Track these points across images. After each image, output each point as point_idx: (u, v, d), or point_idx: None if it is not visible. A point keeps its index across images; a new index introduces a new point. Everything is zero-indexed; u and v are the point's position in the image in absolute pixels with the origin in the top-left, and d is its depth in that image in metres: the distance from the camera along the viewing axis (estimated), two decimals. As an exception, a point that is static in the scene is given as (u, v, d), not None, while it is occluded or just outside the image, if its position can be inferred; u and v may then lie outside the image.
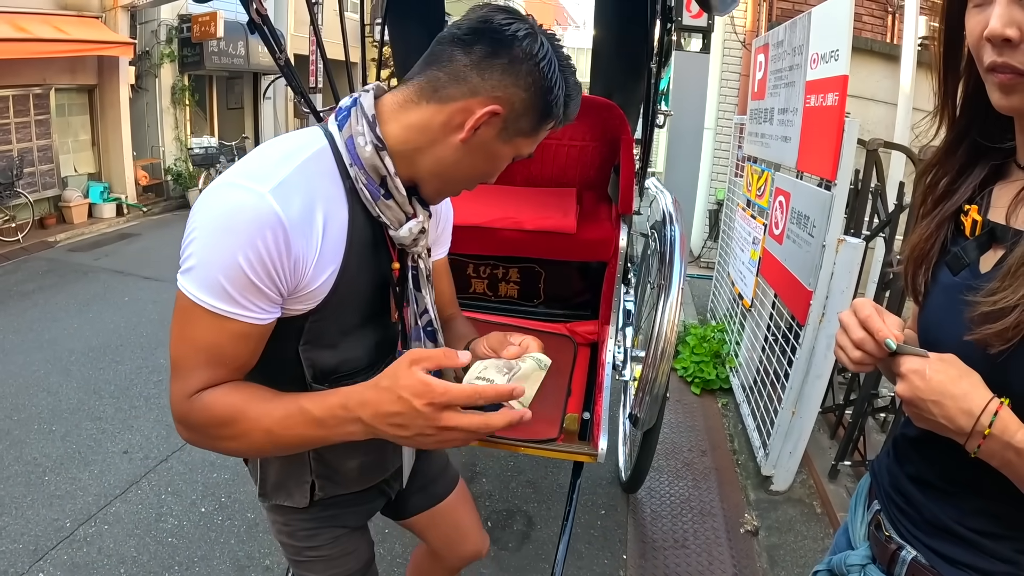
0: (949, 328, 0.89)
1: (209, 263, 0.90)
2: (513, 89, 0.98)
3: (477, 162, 1.06)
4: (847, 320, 0.93)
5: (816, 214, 2.87)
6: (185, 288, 0.92)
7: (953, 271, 0.92)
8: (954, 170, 0.96)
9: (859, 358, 0.91)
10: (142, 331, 5.31)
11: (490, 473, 3.29)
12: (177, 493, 3.13)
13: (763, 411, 3.31)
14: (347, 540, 1.36)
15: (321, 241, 0.97)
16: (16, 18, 8.27)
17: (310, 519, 1.31)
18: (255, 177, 0.92)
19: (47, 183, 9.65)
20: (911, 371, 0.83)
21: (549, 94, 1.00)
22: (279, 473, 1.24)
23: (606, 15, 3.04)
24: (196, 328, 0.93)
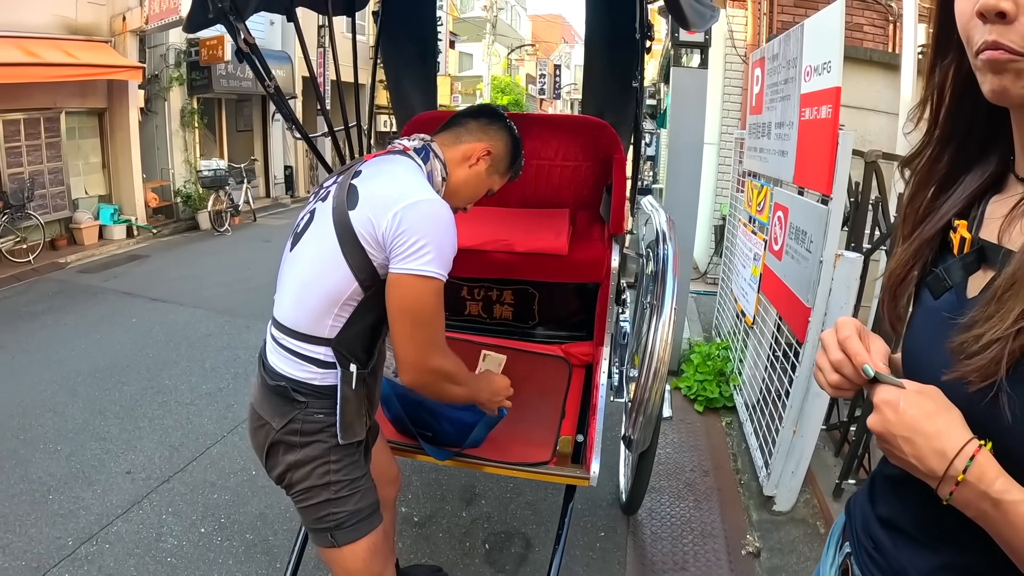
0: (930, 358, 0.81)
1: (444, 249, 1.44)
2: (500, 142, 1.77)
3: (472, 185, 1.76)
4: (827, 339, 0.88)
5: (813, 229, 2.85)
6: (431, 272, 1.42)
7: (934, 294, 0.84)
8: (938, 180, 0.88)
9: (836, 382, 0.85)
10: (148, 352, 5.34)
11: (489, 495, 3.27)
12: (178, 514, 3.13)
13: (765, 430, 3.27)
14: (370, 474, 1.71)
15: None
16: (27, 43, 8.42)
17: (356, 455, 1.65)
18: (429, 191, 1.50)
19: (58, 205, 9.78)
20: (884, 402, 0.75)
21: (517, 152, 1.83)
22: (351, 414, 1.58)
23: (596, 34, 3.04)
24: (438, 298, 1.45)
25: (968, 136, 0.85)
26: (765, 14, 6.93)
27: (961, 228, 0.83)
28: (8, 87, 8.28)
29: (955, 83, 0.82)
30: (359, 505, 1.63)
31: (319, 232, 1.53)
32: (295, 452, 1.57)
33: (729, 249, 4.92)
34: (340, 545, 1.62)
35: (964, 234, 0.82)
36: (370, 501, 1.66)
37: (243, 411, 4.13)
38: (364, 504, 1.64)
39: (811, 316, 2.76)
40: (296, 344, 1.54)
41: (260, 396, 1.62)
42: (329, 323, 1.51)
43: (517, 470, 2.10)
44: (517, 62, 36.68)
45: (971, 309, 0.74)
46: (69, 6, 9.37)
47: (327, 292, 1.49)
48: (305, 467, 1.58)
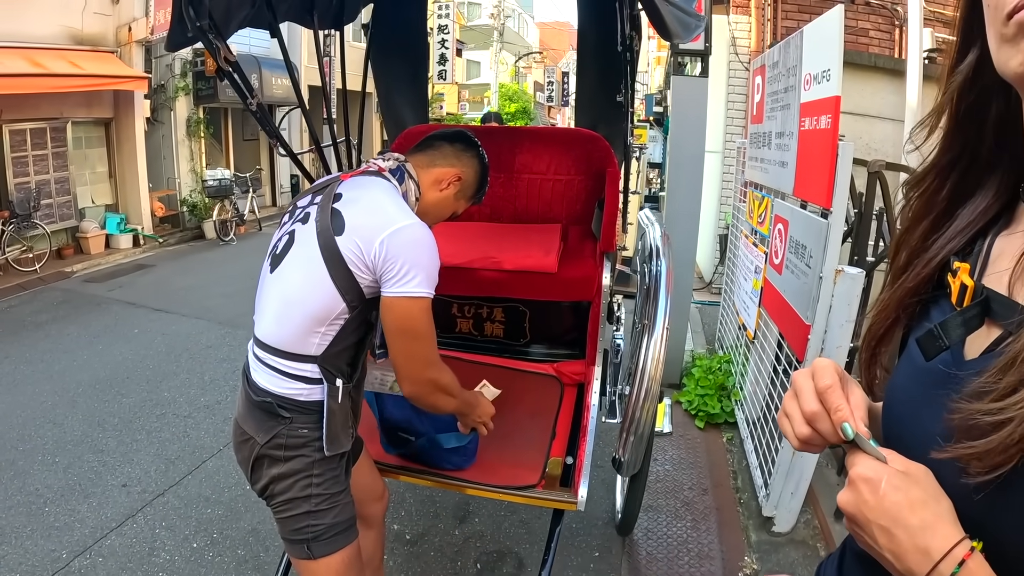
0: (917, 430, 0.68)
1: (430, 270, 1.55)
2: (471, 169, 1.86)
3: (441, 208, 1.84)
4: (802, 385, 0.74)
5: (812, 243, 2.79)
6: (424, 292, 1.53)
7: (927, 354, 0.68)
8: (940, 207, 0.74)
9: (807, 436, 0.73)
10: (149, 364, 5.34)
11: (483, 513, 3.22)
12: (171, 528, 3.12)
13: (766, 448, 3.21)
14: (350, 490, 1.75)
15: None
16: (33, 53, 8.48)
17: (338, 470, 1.69)
18: (409, 214, 1.59)
19: (64, 214, 9.82)
20: (862, 479, 0.63)
21: (484, 179, 1.91)
22: (336, 429, 1.63)
23: (588, 46, 3.01)
24: (427, 315, 1.56)
25: (973, 158, 0.72)
26: (769, 20, 6.88)
27: (962, 273, 0.68)
28: (15, 97, 8.32)
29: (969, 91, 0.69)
30: (337, 519, 1.66)
31: (304, 255, 1.59)
32: (279, 465, 1.61)
33: (732, 260, 4.86)
34: (316, 557, 1.66)
35: (965, 280, 0.67)
36: (347, 516, 1.70)
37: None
38: (342, 518, 1.68)
39: (811, 334, 2.70)
40: (281, 362, 1.59)
41: (244, 411, 1.67)
42: (316, 341, 1.57)
43: (504, 493, 2.06)
44: (525, 69, 36.74)
45: (971, 373, 0.60)
46: (75, 17, 9.43)
47: (314, 311, 1.55)
48: (288, 479, 1.62)
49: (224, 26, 1.84)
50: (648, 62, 14.91)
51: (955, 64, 0.70)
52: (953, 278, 0.69)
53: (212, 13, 1.72)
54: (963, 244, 0.71)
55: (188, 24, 1.66)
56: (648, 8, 1.72)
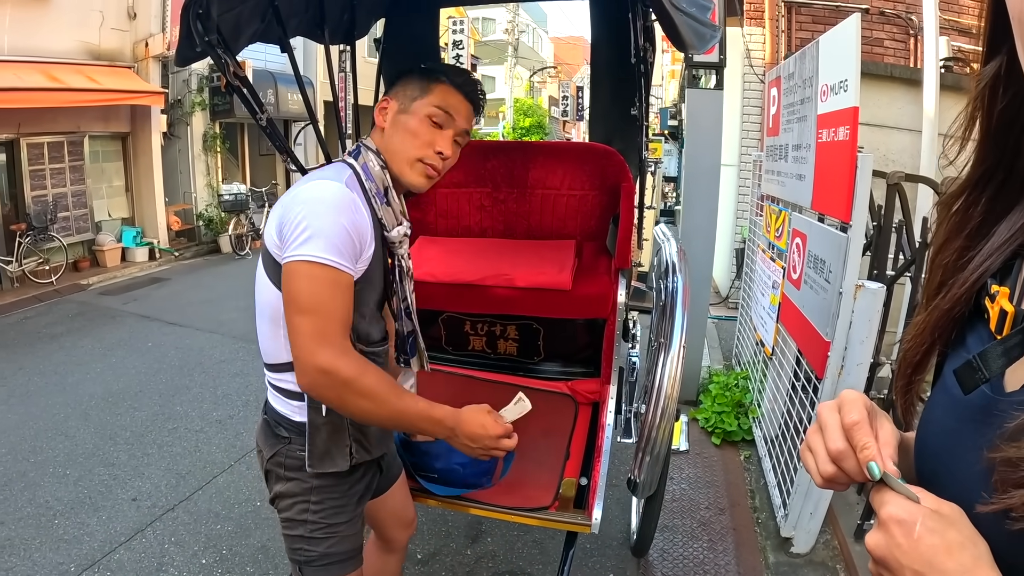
0: (954, 467, 0.63)
1: (326, 231, 1.31)
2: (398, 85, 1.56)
3: (398, 139, 1.51)
4: (828, 420, 0.70)
5: (832, 258, 2.74)
6: (312, 255, 1.30)
7: (965, 387, 0.63)
8: (975, 223, 0.68)
9: (831, 475, 0.69)
10: (162, 378, 5.35)
11: (495, 532, 3.18)
12: (180, 544, 3.11)
13: (784, 467, 3.14)
14: (358, 521, 1.65)
15: (368, 222, 1.42)
16: (51, 68, 8.61)
17: (342, 500, 1.59)
18: (331, 179, 1.39)
19: (81, 227, 9.93)
20: (895, 520, 0.58)
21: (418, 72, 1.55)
22: (326, 442, 1.51)
23: (601, 60, 2.98)
24: (324, 285, 1.31)
25: (1009, 170, 0.66)
26: (783, 31, 6.85)
27: (1001, 297, 0.63)
28: (33, 111, 8.45)
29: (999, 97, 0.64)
30: (331, 549, 1.60)
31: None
32: (281, 483, 1.59)
33: (748, 275, 4.80)
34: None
35: (1005, 305, 0.62)
36: (345, 548, 1.62)
37: (251, 441, 4.09)
38: (338, 550, 1.61)
39: (830, 350, 2.64)
40: (271, 376, 1.57)
41: (260, 423, 1.66)
42: (282, 344, 1.45)
43: (518, 515, 2.01)
44: (539, 84, 36.86)
45: (1013, 406, 0.56)
46: (93, 32, 9.56)
47: (265, 311, 1.50)
48: (287, 499, 1.60)
49: (233, 41, 1.83)
50: (662, 75, 14.91)
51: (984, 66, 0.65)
52: (991, 303, 0.64)
53: (220, 28, 1.70)
54: (1000, 264, 0.65)
55: (196, 39, 1.64)
56: (662, 19, 1.69)
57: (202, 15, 1.61)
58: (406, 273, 1.64)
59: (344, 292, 1.35)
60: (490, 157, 2.87)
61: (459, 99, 1.54)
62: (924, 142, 5.84)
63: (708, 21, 2.00)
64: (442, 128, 1.51)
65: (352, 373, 1.32)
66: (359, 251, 1.39)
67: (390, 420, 1.44)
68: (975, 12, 2.87)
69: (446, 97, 1.51)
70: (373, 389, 1.34)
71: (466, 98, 1.55)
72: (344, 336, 1.35)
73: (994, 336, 0.63)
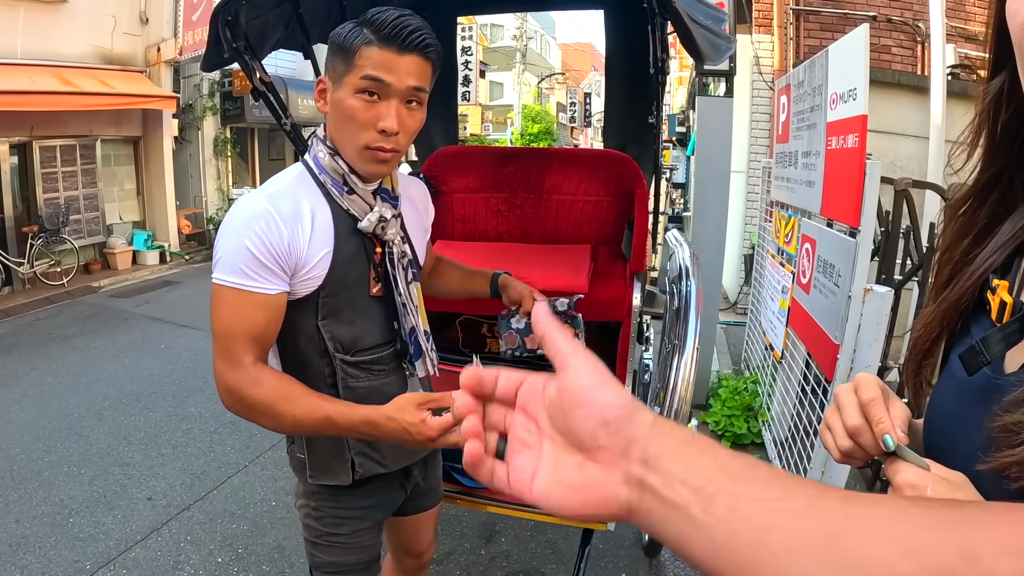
0: (958, 442, 0.69)
1: (229, 253, 1.24)
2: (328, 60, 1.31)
3: (339, 117, 1.30)
4: (845, 400, 0.76)
5: (841, 262, 2.77)
6: (216, 278, 1.26)
7: (969, 369, 0.69)
8: (982, 224, 0.74)
9: (849, 449, 0.75)
10: (175, 379, 5.39)
11: (509, 533, 3.21)
12: (196, 542, 3.14)
13: (794, 469, 3.17)
14: (364, 535, 1.57)
15: (311, 229, 1.30)
16: (64, 72, 8.71)
17: (340, 507, 1.52)
18: (257, 192, 1.30)
19: (92, 230, 10.02)
20: (908, 485, 0.65)
21: (339, 38, 1.27)
22: (323, 455, 1.47)
23: (616, 67, 3.03)
24: (227, 306, 1.25)
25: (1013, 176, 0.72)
26: (791, 39, 6.88)
27: (1001, 290, 0.69)
28: (45, 114, 8.56)
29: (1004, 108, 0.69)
30: (337, 559, 1.56)
31: None
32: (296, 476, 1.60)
33: (758, 280, 4.83)
34: None
35: (1005, 297, 0.69)
36: (351, 559, 1.57)
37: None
38: (343, 560, 1.56)
39: (840, 353, 2.68)
40: None
41: None
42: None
43: (535, 513, 2.05)
44: (547, 90, 36.91)
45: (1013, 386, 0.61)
46: (105, 37, 9.67)
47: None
48: (296, 499, 1.60)
49: (258, 47, 1.88)
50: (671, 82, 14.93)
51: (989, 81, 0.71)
52: (993, 295, 0.70)
53: (247, 35, 1.76)
54: (1003, 260, 0.72)
55: (224, 45, 1.69)
56: (680, 31, 1.73)
57: (231, 22, 1.66)
58: (397, 260, 1.44)
59: (250, 311, 1.26)
60: (507, 163, 2.91)
61: (389, 55, 1.24)
62: (931, 148, 5.85)
63: (723, 33, 2.05)
64: (380, 98, 1.26)
65: (243, 389, 1.25)
66: (280, 262, 1.26)
67: (295, 432, 1.38)
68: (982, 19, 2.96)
69: (373, 60, 1.24)
70: (262, 400, 1.25)
71: (400, 50, 1.24)
72: (248, 354, 1.26)
73: (995, 324, 0.69)
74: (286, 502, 3.42)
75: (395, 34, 1.23)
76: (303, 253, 1.29)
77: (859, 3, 6.84)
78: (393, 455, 1.51)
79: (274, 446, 4.11)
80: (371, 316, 1.43)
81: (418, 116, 1.32)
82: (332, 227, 1.34)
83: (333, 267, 1.33)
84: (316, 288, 1.33)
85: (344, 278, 1.36)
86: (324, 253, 1.32)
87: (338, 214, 1.35)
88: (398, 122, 1.27)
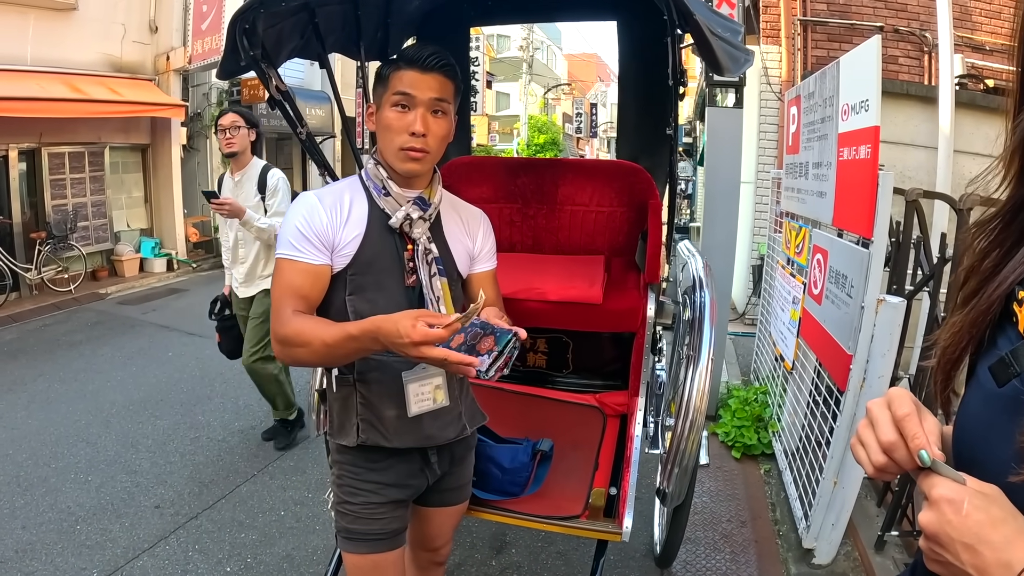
0: (990, 454, 0.70)
1: (284, 233, 1.54)
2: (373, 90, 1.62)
3: (383, 134, 1.58)
4: (878, 415, 0.76)
5: (854, 273, 2.77)
6: (276, 253, 1.56)
7: (999, 380, 0.71)
8: (1014, 238, 0.76)
9: (883, 464, 0.75)
10: (183, 387, 5.39)
11: (520, 544, 3.18)
12: (204, 551, 3.12)
13: (805, 480, 3.16)
14: (377, 508, 1.68)
15: (348, 215, 1.57)
16: (73, 79, 8.77)
17: (355, 477, 1.68)
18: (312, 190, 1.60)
19: (100, 237, 10.05)
20: (945, 500, 0.65)
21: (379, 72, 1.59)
22: (338, 415, 1.67)
23: (630, 78, 3.03)
24: (281, 273, 1.53)
25: None
26: (799, 50, 6.89)
27: None
28: (54, 121, 8.61)
29: None
30: (352, 526, 1.69)
31: None
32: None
33: (767, 291, 4.82)
34: (339, 547, 1.77)
35: None
36: (364, 528, 1.68)
37: (274, 451, 4.16)
38: (358, 528, 1.68)
39: (852, 363, 2.67)
40: None
41: None
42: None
43: (548, 523, 2.04)
44: (554, 101, 36.97)
45: None
46: (115, 45, 9.74)
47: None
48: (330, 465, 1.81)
49: (275, 56, 1.89)
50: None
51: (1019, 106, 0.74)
52: (1019, 307, 0.72)
53: (264, 43, 1.76)
54: None
55: (241, 53, 1.70)
56: (701, 45, 1.73)
57: (248, 30, 1.67)
58: (422, 256, 1.64)
59: (295, 276, 1.52)
60: (520, 174, 2.91)
61: (414, 75, 1.53)
62: (940, 158, 5.86)
63: (741, 45, 2.05)
64: (409, 109, 1.54)
65: (291, 332, 1.48)
66: (320, 239, 1.53)
67: (328, 352, 1.47)
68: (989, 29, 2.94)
69: (402, 79, 1.53)
70: (295, 331, 1.47)
71: (422, 70, 1.53)
72: (289, 307, 1.50)
73: (1021, 336, 0.71)
74: (296, 512, 3.42)
75: (418, 58, 1.53)
76: (339, 233, 1.55)
77: (866, 14, 6.86)
78: (396, 432, 1.64)
79: (282, 456, 4.10)
80: (399, 302, 1.59)
81: (443, 124, 1.58)
82: (367, 217, 1.59)
83: (361, 249, 1.57)
84: (346, 265, 1.56)
85: (372, 261, 1.58)
86: (355, 235, 1.57)
87: (374, 209, 1.60)
88: (424, 126, 1.53)
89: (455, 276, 1.72)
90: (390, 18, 2.41)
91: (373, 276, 1.59)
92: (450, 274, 1.69)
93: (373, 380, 1.63)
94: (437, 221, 1.69)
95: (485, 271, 1.83)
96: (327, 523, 3.26)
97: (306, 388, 4.55)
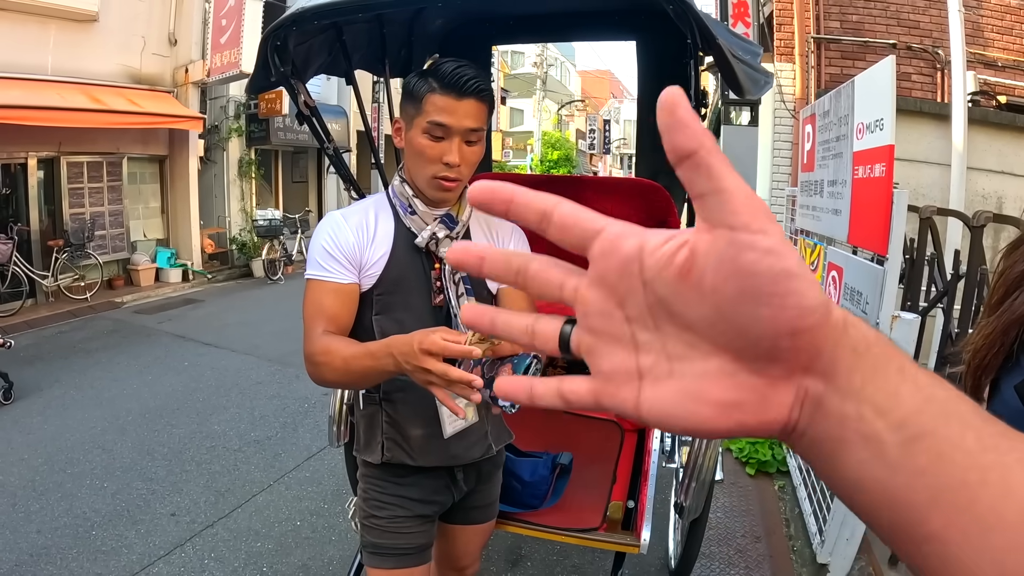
0: None
1: (312, 253, 1.53)
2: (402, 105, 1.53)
3: (412, 156, 1.51)
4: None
5: (868, 290, 2.78)
6: (307, 273, 1.52)
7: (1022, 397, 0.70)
8: None
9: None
10: (199, 396, 5.43)
11: (535, 557, 3.19)
12: (220, 560, 3.14)
13: (820, 495, 3.16)
14: (403, 523, 1.67)
15: (374, 234, 1.54)
16: (93, 90, 8.88)
17: (380, 491, 1.67)
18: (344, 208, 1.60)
19: (117, 246, 10.15)
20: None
21: (409, 87, 1.50)
22: (364, 432, 1.67)
23: (648, 95, 3.05)
24: (311, 295, 1.51)
25: None
26: (813, 67, 6.91)
27: None
28: (74, 131, 8.72)
29: None
30: (375, 540, 1.68)
31: None
32: None
33: (779, 306, 4.81)
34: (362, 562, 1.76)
35: None
36: (390, 543, 1.68)
37: (290, 461, 4.18)
38: (381, 542, 1.68)
39: (868, 380, 2.67)
40: None
41: None
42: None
43: (566, 535, 2.06)
44: (567, 117, 36.94)
45: None
46: (134, 57, 9.86)
47: None
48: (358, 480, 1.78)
49: (303, 72, 1.94)
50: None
51: None
52: None
53: (295, 59, 1.81)
54: None
55: (272, 69, 1.74)
56: (722, 67, 1.76)
57: (279, 47, 1.72)
58: (449, 276, 1.59)
59: (325, 295, 1.51)
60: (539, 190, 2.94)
61: (449, 101, 1.44)
62: (953, 176, 5.85)
63: (760, 67, 2.08)
64: (443, 139, 1.46)
65: (318, 349, 1.44)
66: (348, 257, 1.51)
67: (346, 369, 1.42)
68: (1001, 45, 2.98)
69: (437, 105, 1.44)
70: (320, 348, 1.44)
71: (459, 96, 1.44)
72: (319, 327, 1.48)
73: None
74: (311, 522, 3.43)
75: (454, 82, 1.43)
76: (365, 252, 1.53)
77: (879, 31, 6.88)
78: (422, 450, 1.63)
79: (299, 466, 4.13)
80: (425, 322, 1.50)
81: (476, 151, 1.54)
82: (392, 236, 1.55)
83: (388, 268, 1.53)
84: (373, 284, 1.54)
85: (398, 280, 1.55)
86: (382, 255, 1.54)
87: (400, 228, 1.56)
88: (460, 157, 1.47)
89: (484, 295, 1.64)
90: (414, 36, 2.45)
91: (400, 296, 1.56)
92: (479, 293, 1.62)
93: (399, 400, 1.62)
94: (466, 238, 1.63)
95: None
96: (343, 534, 3.28)
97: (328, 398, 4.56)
